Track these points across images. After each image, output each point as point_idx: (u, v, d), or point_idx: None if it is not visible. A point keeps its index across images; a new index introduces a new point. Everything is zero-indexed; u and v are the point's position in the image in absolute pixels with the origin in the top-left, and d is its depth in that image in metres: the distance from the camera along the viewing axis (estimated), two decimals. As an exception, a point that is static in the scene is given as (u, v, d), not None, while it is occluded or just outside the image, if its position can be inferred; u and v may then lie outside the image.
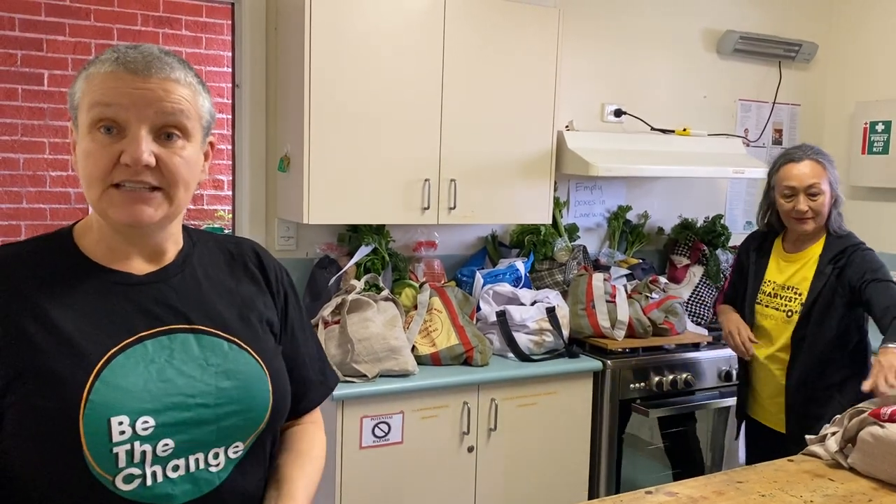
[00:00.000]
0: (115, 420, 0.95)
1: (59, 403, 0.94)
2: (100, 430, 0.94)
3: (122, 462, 0.96)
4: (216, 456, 1.04)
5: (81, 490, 0.96)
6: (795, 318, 2.40)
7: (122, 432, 0.95)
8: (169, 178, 1.02)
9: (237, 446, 1.07)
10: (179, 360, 1.03)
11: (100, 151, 0.99)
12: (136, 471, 0.97)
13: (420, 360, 2.69)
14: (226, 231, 4.69)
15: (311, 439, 1.24)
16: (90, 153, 1.00)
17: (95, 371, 0.96)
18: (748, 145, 3.85)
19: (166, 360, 1.02)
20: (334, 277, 2.82)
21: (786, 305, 2.44)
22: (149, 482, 0.98)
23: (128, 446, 0.96)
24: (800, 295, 2.40)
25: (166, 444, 0.99)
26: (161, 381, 1.00)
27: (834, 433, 1.78)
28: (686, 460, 3.16)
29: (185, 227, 1.16)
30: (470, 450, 2.69)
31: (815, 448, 1.80)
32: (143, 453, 0.97)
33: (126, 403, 0.96)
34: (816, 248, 2.42)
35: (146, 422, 0.97)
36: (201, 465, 1.03)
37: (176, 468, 1.00)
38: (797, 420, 2.40)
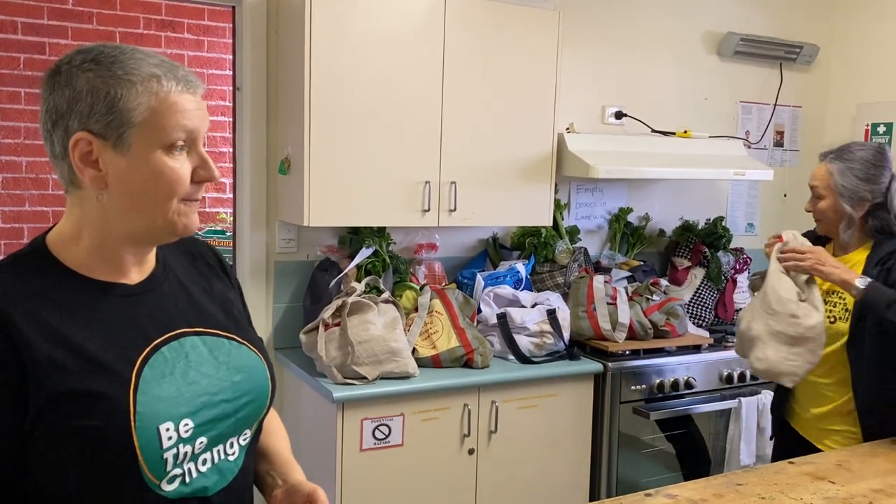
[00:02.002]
0: (162, 427, 1.00)
1: (107, 421, 0.96)
2: (152, 440, 0.99)
3: (169, 465, 1.01)
4: (231, 445, 1.11)
5: (135, 499, 1.00)
6: (840, 325, 2.22)
7: (170, 437, 1.01)
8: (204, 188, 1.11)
9: (245, 434, 1.14)
10: (196, 362, 1.08)
11: (182, 170, 1.04)
12: (178, 471, 1.03)
13: (420, 363, 2.69)
14: (227, 234, 4.70)
15: (270, 416, 1.31)
16: (174, 171, 1.03)
17: (132, 385, 1.00)
18: (749, 147, 3.85)
19: (185, 363, 1.07)
20: (335, 280, 2.82)
21: (830, 311, 2.26)
22: (187, 479, 1.04)
23: (174, 450, 1.01)
24: (843, 300, 2.25)
25: (201, 442, 1.05)
26: (187, 383, 1.05)
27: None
28: (696, 461, 3.14)
29: None
30: (470, 452, 2.69)
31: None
32: (185, 454, 1.03)
33: (168, 410, 1.01)
34: (861, 253, 2.26)
35: (186, 424, 1.03)
36: (222, 456, 1.10)
37: (204, 462, 1.07)
38: (879, 427, 2.15)
